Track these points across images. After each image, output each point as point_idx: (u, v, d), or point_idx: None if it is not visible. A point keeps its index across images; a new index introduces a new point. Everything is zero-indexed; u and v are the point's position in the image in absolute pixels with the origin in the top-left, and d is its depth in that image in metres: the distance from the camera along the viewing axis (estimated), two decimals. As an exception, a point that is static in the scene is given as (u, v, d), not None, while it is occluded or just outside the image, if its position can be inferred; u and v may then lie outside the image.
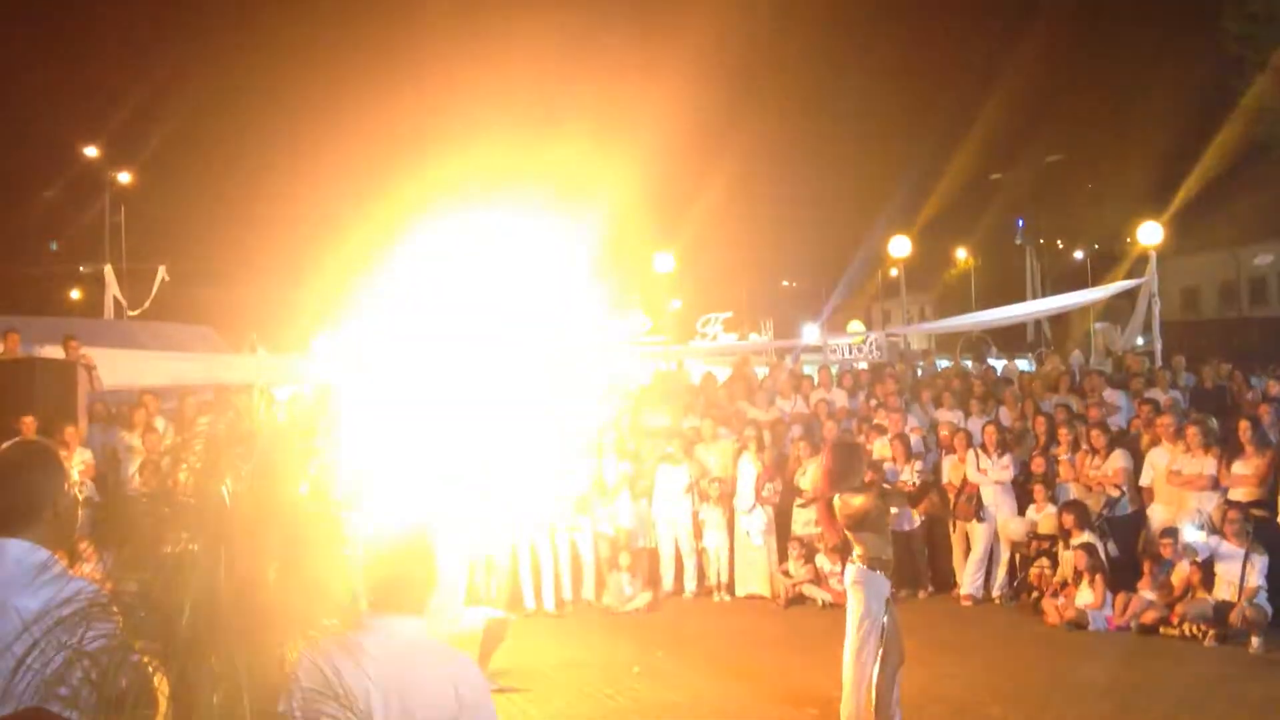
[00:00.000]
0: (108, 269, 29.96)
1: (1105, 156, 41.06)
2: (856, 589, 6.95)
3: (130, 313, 29.08)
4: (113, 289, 28.86)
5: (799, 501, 12.09)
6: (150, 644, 2.24)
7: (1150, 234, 19.24)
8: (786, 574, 11.85)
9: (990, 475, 11.79)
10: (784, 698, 8.37)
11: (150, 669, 2.24)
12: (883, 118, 63.44)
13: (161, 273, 31.40)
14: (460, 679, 3.05)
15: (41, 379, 12.54)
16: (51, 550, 3.00)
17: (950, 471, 12.20)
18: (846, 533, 7.13)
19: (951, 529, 12.10)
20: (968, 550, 11.90)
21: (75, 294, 42.06)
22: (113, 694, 2.20)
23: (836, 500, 7.06)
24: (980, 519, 11.75)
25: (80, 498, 3.34)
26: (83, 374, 13.47)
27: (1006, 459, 11.86)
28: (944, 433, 12.62)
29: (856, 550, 7.03)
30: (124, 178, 34.64)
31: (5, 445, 3.25)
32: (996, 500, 11.77)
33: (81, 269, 34.67)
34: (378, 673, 2.97)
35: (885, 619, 6.88)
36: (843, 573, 7.32)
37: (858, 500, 6.97)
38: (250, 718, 2.24)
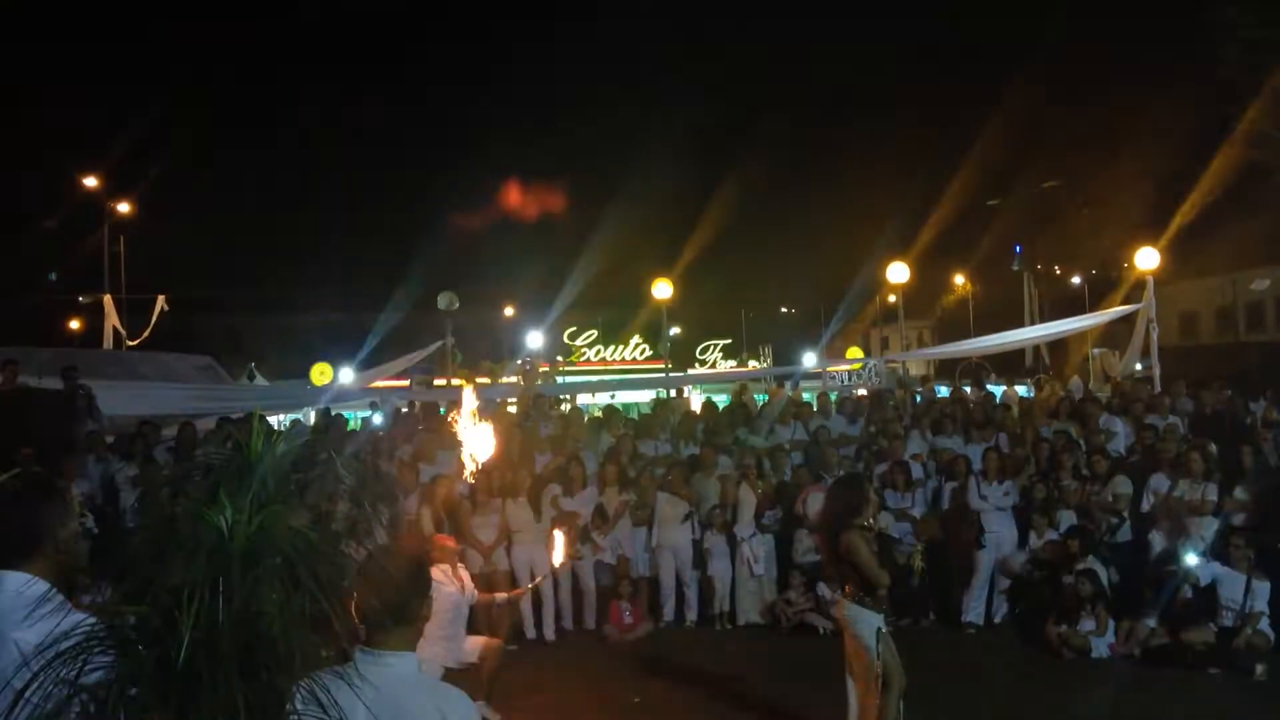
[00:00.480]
0: (107, 299, 30.04)
1: (1102, 182, 41.20)
2: (849, 622, 7.01)
3: (129, 343, 29.12)
4: (112, 319, 28.92)
5: (804, 528, 12.05)
6: (149, 677, 2.22)
7: (1147, 259, 19.30)
8: (789, 602, 11.81)
9: (991, 502, 11.77)
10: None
11: (149, 703, 2.22)
12: (881, 145, 63.78)
13: (161, 303, 31.47)
14: (452, 715, 3.06)
15: (40, 410, 12.54)
16: (51, 583, 2.99)
17: (950, 498, 12.18)
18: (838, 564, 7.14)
19: (954, 556, 12.06)
20: (970, 578, 11.86)
21: (74, 324, 42.09)
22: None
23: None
24: (981, 545, 11.73)
25: (79, 530, 3.33)
26: (81, 405, 13.48)
27: (1008, 485, 11.85)
28: (944, 459, 12.61)
29: (846, 585, 7.08)
30: (123, 208, 34.74)
31: (4, 477, 3.24)
32: (998, 527, 11.74)
33: (80, 299, 34.70)
34: (370, 707, 2.96)
35: (880, 649, 6.86)
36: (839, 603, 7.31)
37: (847, 535, 6.99)
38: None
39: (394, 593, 2.97)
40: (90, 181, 33.81)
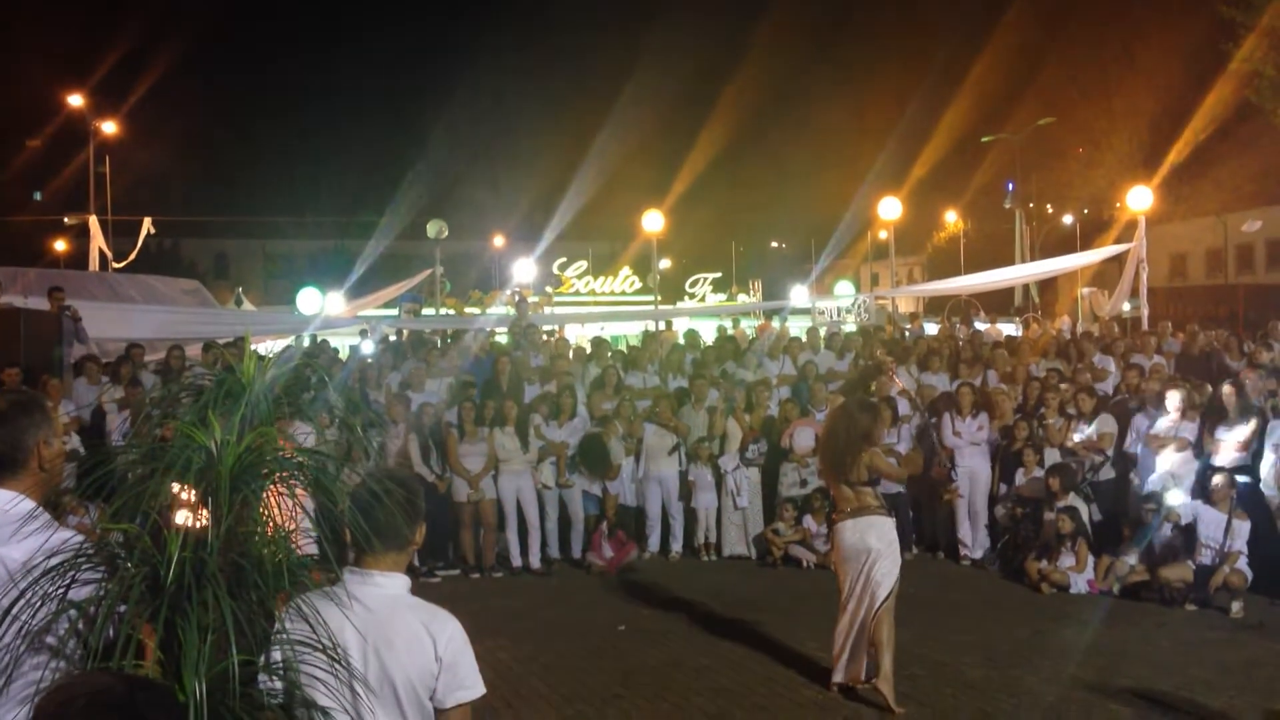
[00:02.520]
0: (92, 220, 29.75)
1: (1096, 120, 40.96)
2: (873, 535, 7.31)
3: (115, 265, 28.92)
4: (98, 240, 28.68)
5: (791, 462, 12.11)
6: (138, 595, 2.23)
7: (1140, 199, 19.24)
8: (775, 534, 11.90)
9: (965, 437, 11.81)
10: (768, 657, 8.42)
11: (138, 620, 2.23)
12: (873, 79, 63.11)
13: (147, 225, 31.21)
14: (440, 635, 3.06)
15: (26, 330, 12.46)
16: (37, 501, 2.99)
17: (924, 434, 12.23)
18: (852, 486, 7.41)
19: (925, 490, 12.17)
20: (951, 514, 11.96)
21: (60, 245, 41.77)
22: (100, 644, 2.19)
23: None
24: (952, 480, 11.80)
25: (66, 450, 3.32)
26: (68, 325, 13.40)
27: (982, 420, 11.87)
28: (925, 396, 12.66)
29: (855, 504, 7.39)
30: (109, 128, 34.30)
31: None
32: (970, 462, 11.80)
33: (66, 220, 34.37)
34: (358, 625, 2.98)
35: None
36: (845, 527, 7.44)
37: (869, 458, 7.44)
38: (239, 668, 2.23)
39: (385, 516, 2.96)
40: (75, 100, 33.35)
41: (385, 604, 3.06)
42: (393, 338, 17.77)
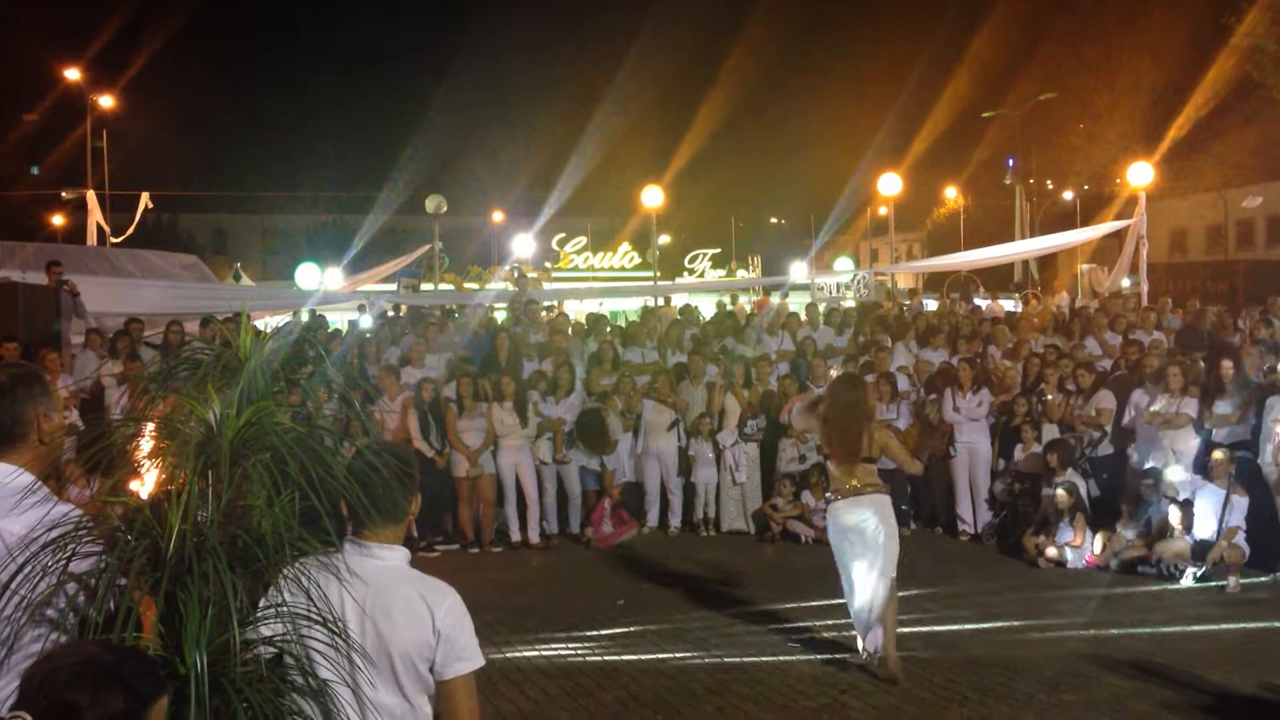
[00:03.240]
0: (90, 195, 29.69)
1: (1098, 95, 40.81)
2: (876, 513, 7.36)
3: (113, 240, 28.87)
4: (95, 215, 28.62)
5: (789, 437, 12.12)
6: (138, 568, 2.23)
7: (1140, 175, 19.19)
8: (773, 510, 11.92)
9: (964, 413, 11.82)
10: (767, 631, 8.45)
11: (138, 592, 2.23)
12: (873, 54, 62.91)
13: (145, 200, 31.13)
14: (437, 607, 3.06)
15: (24, 305, 12.45)
16: (37, 475, 2.98)
17: (931, 410, 12.24)
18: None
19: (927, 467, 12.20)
20: (948, 490, 11.99)
21: (58, 220, 41.69)
22: (100, 616, 2.20)
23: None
24: (951, 455, 11.82)
25: (64, 424, 3.31)
26: (66, 300, 13.38)
27: (982, 396, 11.88)
28: (922, 371, 12.67)
29: (872, 479, 7.51)
30: (106, 102, 34.17)
31: None
32: (970, 437, 11.81)
33: (64, 194, 34.28)
34: (356, 596, 2.98)
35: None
36: (840, 507, 7.47)
37: (880, 433, 7.61)
38: (238, 641, 2.24)
39: (383, 489, 2.96)
40: (72, 74, 33.21)
41: (384, 576, 3.06)
42: (391, 313, 17.75)
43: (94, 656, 1.94)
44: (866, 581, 7.36)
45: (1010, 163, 40.27)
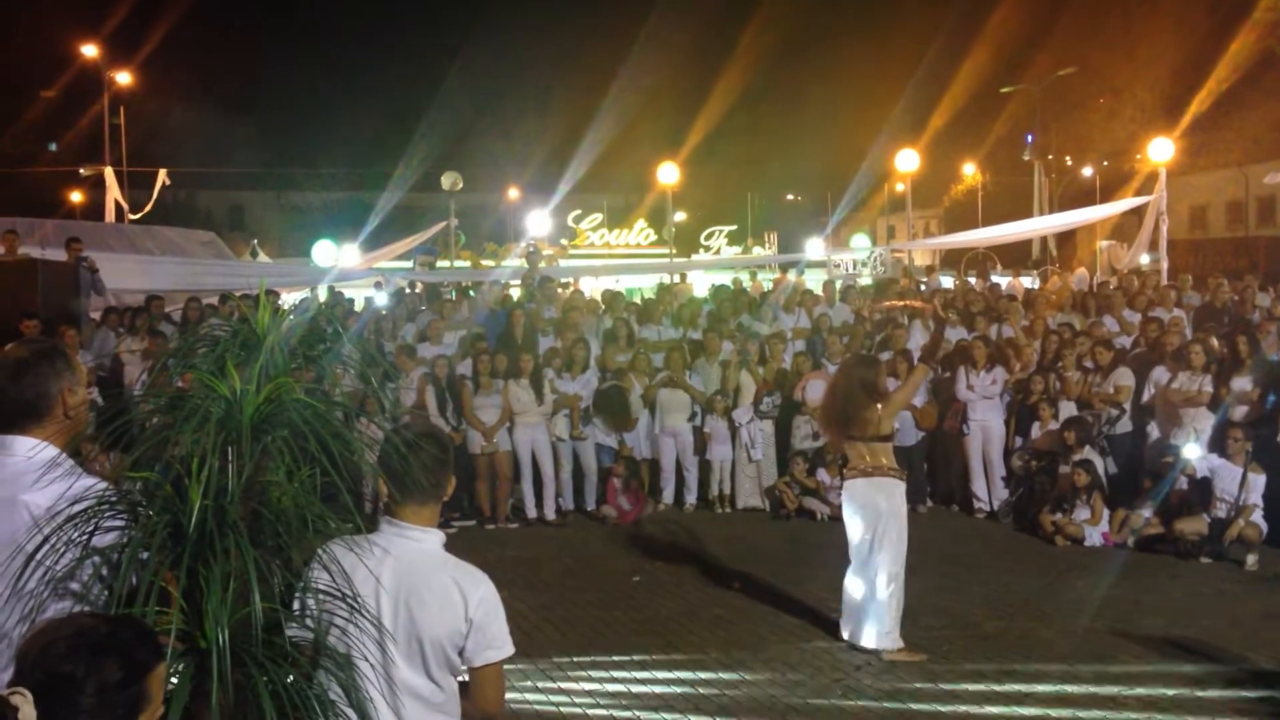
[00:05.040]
0: (108, 171, 29.77)
1: (1117, 70, 40.44)
2: (886, 494, 7.36)
3: (131, 216, 28.96)
4: (114, 192, 28.71)
5: (804, 414, 12.12)
6: (159, 542, 2.25)
7: (1161, 150, 19.04)
8: (788, 487, 11.92)
9: (978, 391, 11.78)
10: (782, 608, 8.47)
11: (160, 567, 2.25)
12: (891, 28, 62.44)
13: (162, 177, 31.21)
14: (471, 595, 3.06)
15: (44, 282, 12.51)
16: (61, 449, 3.01)
17: (946, 388, 12.21)
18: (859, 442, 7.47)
19: (940, 445, 12.18)
20: (965, 468, 11.97)
21: (76, 196, 41.77)
22: (124, 590, 2.22)
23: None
24: (964, 433, 11.78)
25: (87, 399, 3.34)
26: (85, 277, 13.45)
27: (996, 374, 11.83)
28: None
29: (885, 460, 7.48)
30: (123, 78, 34.20)
31: (16, 344, 3.24)
32: (984, 415, 11.77)
33: (82, 171, 34.36)
34: (385, 582, 3.01)
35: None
36: (857, 485, 7.48)
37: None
38: (261, 617, 2.26)
39: (418, 469, 2.96)
40: (89, 50, 33.23)
41: (419, 558, 3.07)
42: (407, 290, 17.78)
43: (88, 628, 1.95)
44: (868, 569, 7.38)
45: (1029, 138, 40.01)
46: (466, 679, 3.14)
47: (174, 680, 2.17)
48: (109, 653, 1.90)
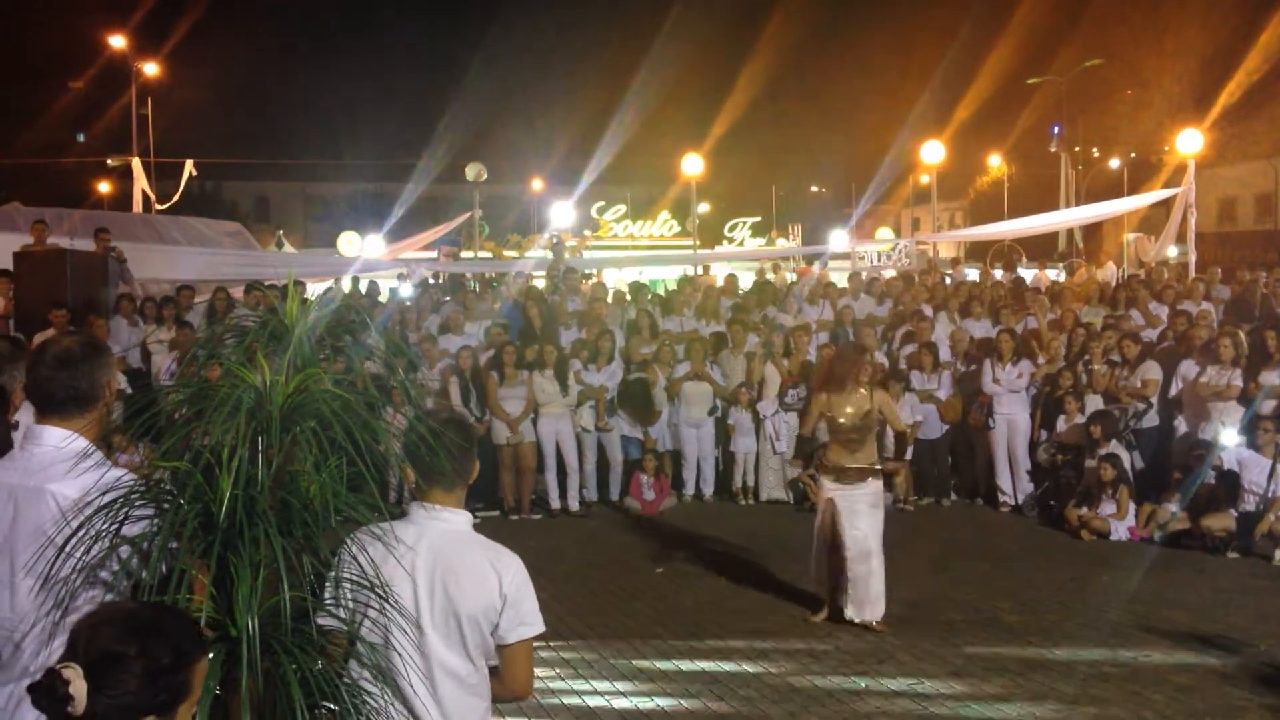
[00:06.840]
0: (135, 162, 29.96)
1: (1145, 61, 40.07)
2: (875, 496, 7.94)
3: (158, 207, 29.14)
4: (141, 182, 28.90)
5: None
6: (190, 531, 2.27)
7: (1190, 142, 18.85)
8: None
9: (1004, 384, 11.72)
10: (805, 600, 8.46)
11: (190, 556, 2.27)
12: (917, 19, 62.04)
13: (189, 167, 31.39)
14: (504, 572, 3.13)
15: (72, 271, 12.60)
16: (91, 440, 3.04)
17: (970, 381, 12.16)
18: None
19: (965, 439, 12.14)
20: (990, 462, 11.92)
21: (104, 187, 42.09)
22: (155, 579, 2.24)
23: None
24: (989, 427, 11.73)
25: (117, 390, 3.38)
26: (114, 267, 13.54)
27: (1023, 367, 11.76)
28: (965, 342, 12.57)
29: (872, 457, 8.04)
30: (150, 69, 34.39)
31: (64, 336, 3.30)
32: (1010, 409, 11.72)
33: (109, 162, 34.60)
34: (420, 563, 3.06)
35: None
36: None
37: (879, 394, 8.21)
38: (289, 606, 2.28)
39: (445, 455, 3.00)
40: (117, 41, 33.42)
41: (452, 539, 3.15)
42: (431, 281, 17.82)
43: (138, 612, 2.00)
44: (869, 550, 7.69)
45: (1055, 130, 39.67)
46: (496, 663, 3.18)
47: (204, 668, 2.19)
48: (160, 637, 1.94)
